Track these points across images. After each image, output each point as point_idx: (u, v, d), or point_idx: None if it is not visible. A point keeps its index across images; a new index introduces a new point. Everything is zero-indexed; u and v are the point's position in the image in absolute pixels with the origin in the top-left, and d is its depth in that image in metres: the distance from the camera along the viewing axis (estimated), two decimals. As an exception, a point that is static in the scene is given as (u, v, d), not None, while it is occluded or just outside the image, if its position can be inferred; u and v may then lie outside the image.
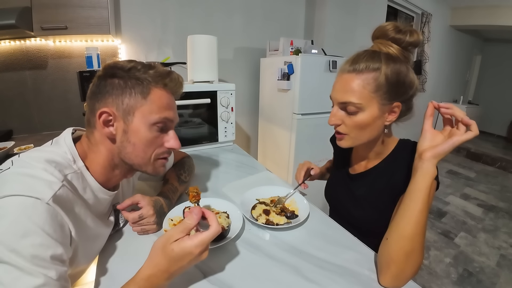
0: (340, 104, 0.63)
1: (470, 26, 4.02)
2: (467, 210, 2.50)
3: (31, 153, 0.48)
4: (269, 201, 0.79)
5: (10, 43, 1.41)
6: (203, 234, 0.45)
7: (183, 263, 0.44)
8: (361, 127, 0.62)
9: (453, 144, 0.50)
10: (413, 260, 0.50)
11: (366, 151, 0.72)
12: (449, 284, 1.59)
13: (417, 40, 0.60)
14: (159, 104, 0.54)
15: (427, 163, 0.51)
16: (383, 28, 0.62)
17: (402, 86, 0.60)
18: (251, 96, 2.29)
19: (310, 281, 0.53)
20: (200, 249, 0.44)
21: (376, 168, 0.70)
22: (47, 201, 0.40)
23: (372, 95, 0.59)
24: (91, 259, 0.57)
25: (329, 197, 0.87)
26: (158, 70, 0.55)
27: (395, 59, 0.59)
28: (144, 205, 0.64)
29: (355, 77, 0.59)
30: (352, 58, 0.62)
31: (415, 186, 0.52)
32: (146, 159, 0.56)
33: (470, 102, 5.15)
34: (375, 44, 0.64)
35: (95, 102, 0.52)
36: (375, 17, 2.76)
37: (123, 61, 0.54)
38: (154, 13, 1.73)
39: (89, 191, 0.52)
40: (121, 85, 0.51)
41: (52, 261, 0.38)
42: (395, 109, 0.61)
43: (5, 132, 1.41)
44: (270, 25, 2.23)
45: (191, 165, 0.94)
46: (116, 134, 0.52)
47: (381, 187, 0.67)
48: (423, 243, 0.51)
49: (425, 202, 0.51)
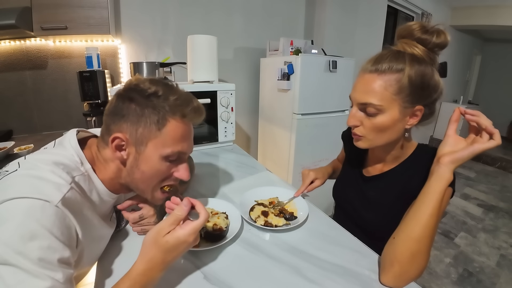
0: (360, 105, 0.60)
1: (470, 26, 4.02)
2: (467, 210, 2.50)
3: (37, 155, 0.48)
4: (268, 202, 0.78)
5: (10, 43, 1.41)
6: (194, 222, 0.47)
7: (178, 252, 0.47)
8: (380, 130, 0.60)
9: (473, 151, 0.48)
10: (418, 262, 0.50)
11: (383, 154, 0.69)
12: (449, 284, 1.59)
13: (445, 41, 0.57)
14: (173, 137, 0.52)
15: (444, 167, 0.50)
16: (409, 28, 0.59)
17: (426, 89, 0.57)
18: (251, 96, 2.29)
19: (310, 281, 0.53)
20: (193, 237, 0.47)
21: (392, 171, 0.68)
22: (56, 204, 0.40)
23: (393, 97, 0.56)
24: (94, 261, 0.57)
25: (337, 196, 0.84)
26: (179, 99, 0.52)
27: (420, 60, 0.57)
28: (144, 205, 0.64)
29: (377, 77, 0.57)
30: (375, 57, 0.60)
31: (429, 189, 0.51)
32: (151, 186, 0.55)
33: (470, 102, 5.15)
34: (399, 44, 0.61)
35: (111, 122, 0.51)
36: (375, 17, 2.76)
37: (147, 81, 0.52)
38: (154, 13, 1.73)
39: (95, 193, 0.52)
40: (138, 112, 0.50)
41: (59, 264, 0.38)
42: (417, 112, 0.59)
43: (5, 132, 1.41)
44: (270, 25, 2.23)
45: (191, 165, 0.94)
46: (127, 159, 0.52)
47: (395, 191, 0.65)
48: (430, 246, 0.51)
49: (437, 207, 0.50)
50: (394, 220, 0.59)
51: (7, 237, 0.35)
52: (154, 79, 0.54)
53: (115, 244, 0.62)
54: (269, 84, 2.00)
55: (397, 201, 0.63)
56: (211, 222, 0.64)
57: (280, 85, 1.81)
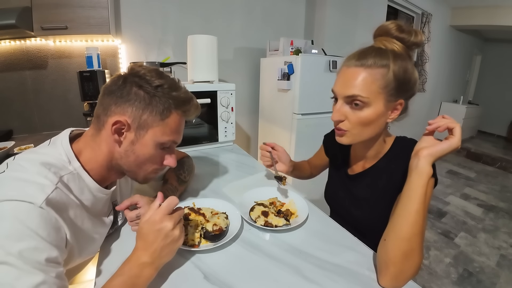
0: (346, 98, 0.61)
1: (470, 26, 4.02)
2: (467, 210, 2.49)
3: (26, 155, 0.48)
4: (268, 202, 0.78)
5: (10, 43, 1.41)
6: (161, 206, 0.51)
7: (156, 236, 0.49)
8: (365, 124, 0.61)
9: (451, 145, 0.50)
10: (411, 260, 0.50)
11: (365, 150, 0.71)
12: (449, 284, 1.59)
13: (422, 40, 0.60)
14: (172, 128, 0.56)
15: (423, 160, 0.51)
16: (386, 27, 0.61)
17: (408, 83, 0.60)
18: (251, 96, 2.29)
19: (310, 281, 0.53)
20: (159, 215, 0.50)
21: (375, 167, 0.69)
22: (40, 205, 0.40)
23: (379, 91, 0.58)
24: (88, 257, 0.57)
25: (328, 199, 0.86)
26: (181, 95, 0.56)
27: (401, 56, 0.59)
28: (142, 204, 0.64)
29: (364, 71, 0.58)
30: (358, 53, 0.61)
31: (411, 186, 0.51)
32: (143, 170, 0.58)
33: (470, 102, 5.14)
34: (378, 41, 0.62)
35: (113, 103, 0.51)
36: (375, 17, 2.76)
37: (153, 72, 0.54)
38: (154, 13, 1.73)
39: (86, 191, 0.52)
40: (146, 100, 0.52)
41: (47, 264, 0.39)
42: (398, 106, 0.61)
43: (5, 132, 1.41)
44: (270, 25, 2.23)
45: (191, 165, 0.94)
46: (123, 142, 0.53)
47: (380, 186, 0.66)
48: (421, 243, 0.51)
49: (422, 202, 0.50)
50: (383, 215, 0.61)
51: None
52: (159, 71, 0.55)
53: (114, 243, 0.62)
54: (269, 84, 2.00)
55: (383, 196, 0.65)
56: (211, 222, 0.64)
57: (280, 85, 1.81)
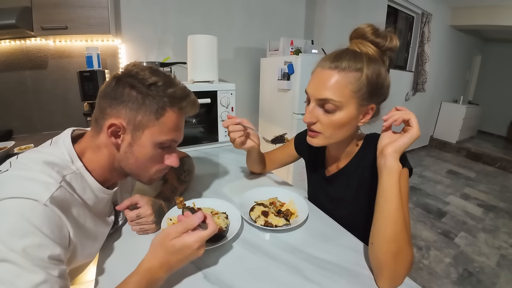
0: (318, 101, 0.61)
1: (470, 26, 4.01)
2: (467, 210, 2.49)
3: (29, 154, 0.48)
4: (268, 202, 0.78)
5: (10, 43, 1.41)
6: (201, 231, 0.49)
7: (181, 256, 0.47)
8: (337, 126, 0.61)
9: (411, 136, 0.51)
10: (402, 259, 0.50)
11: (338, 151, 0.72)
12: (449, 284, 1.59)
13: (396, 45, 0.60)
14: (169, 126, 0.55)
15: (389, 158, 0.51)
16: (362, 30, 0.61)
17: (381, 88, 0.60)
18: (251, 96, 2.29)
19: (310, 281, 0.53)
20: (198, 244, 0.48)
21: (347, 167, 0.71)
22: (44, 203, 0.40)
23: (352, 95, 0.58)
24: (90, 257, 0.57)
25: (313, 202, 0.86)
26: (177, 92, 0.54)
27: (376, 60, 0.59)
28: (142, 204, 0.64)
29: (337, 74, 0.58)
30: (333, 55, 0.61)
31: (384, 186, 0.51)
32: (145, 171, 0.58)
33: (470, 102, 5.14)
34: (353, 44, 0.62)
35: (108, 106, 0.51)
36: (375, 17, 2.76)
37: (147, 70, 0.53)
38: (154, 13, 1.73)
39: (88, 191, 0.52)
40: (139, 100, 0.51)
41: (49, 261, 0.39)
42: (369, 110, 0.62)
43: (5, 132, 1.41)
44: (270, 25, 2.23)
45: (191, 165, 0.94)
46: (121, 145, 0.53)
47: (354, 185, 0.67)
48: (408, 239, 0.51)
49: (399, 199, 0.50)
50: (361, 212, 0.63)
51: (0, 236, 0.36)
52: (154, 68, 0.54)
53: (114, 243, 0.62)
54: (269, 84, 2.00)
55: (358, 194, 0.66)
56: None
57: (280, 85, 1.82)
